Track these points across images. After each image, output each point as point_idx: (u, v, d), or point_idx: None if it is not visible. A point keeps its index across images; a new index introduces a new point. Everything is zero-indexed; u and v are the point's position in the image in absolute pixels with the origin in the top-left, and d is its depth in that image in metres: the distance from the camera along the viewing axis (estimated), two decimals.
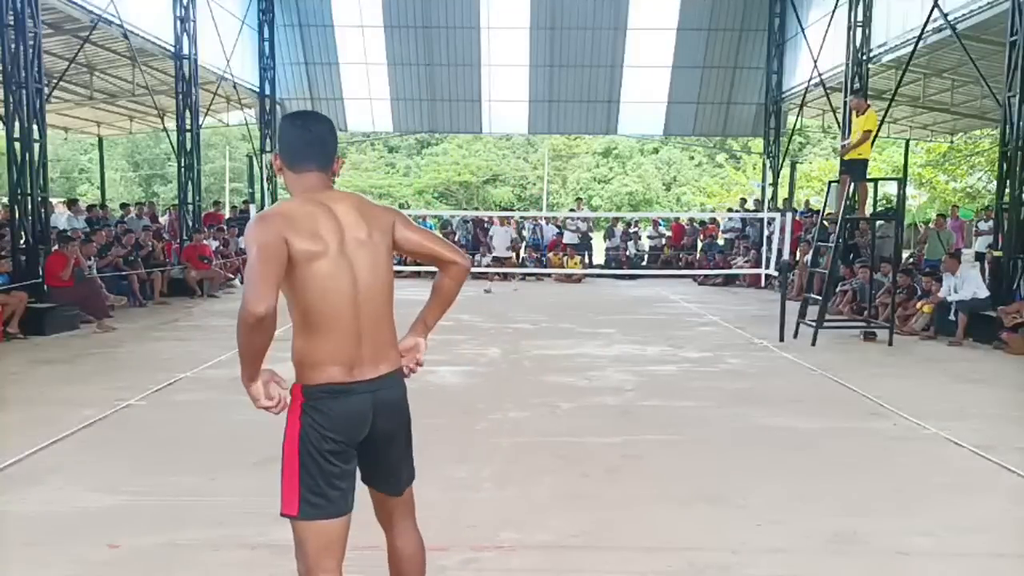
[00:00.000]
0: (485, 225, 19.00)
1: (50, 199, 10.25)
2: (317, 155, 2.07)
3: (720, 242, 17.88)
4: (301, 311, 2.00)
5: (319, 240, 1.96)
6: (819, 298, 8.83)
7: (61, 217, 13.05)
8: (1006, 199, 9.18)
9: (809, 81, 15.33)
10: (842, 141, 9.86)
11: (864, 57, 13.26)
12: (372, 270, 2.04)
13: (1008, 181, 9.13)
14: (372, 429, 2.08)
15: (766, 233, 12.84)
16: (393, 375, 2.12)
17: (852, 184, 8.89)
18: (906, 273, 10.16)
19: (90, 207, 14.89)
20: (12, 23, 8.83)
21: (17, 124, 9.07)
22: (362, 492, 2.21)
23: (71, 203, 14.54)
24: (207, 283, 12.68)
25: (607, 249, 18.68)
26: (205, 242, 13.45)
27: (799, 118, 17.85)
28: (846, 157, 8.90)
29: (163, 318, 10.04)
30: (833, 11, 13.75)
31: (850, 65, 13.47)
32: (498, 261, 14.65)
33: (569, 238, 17.91)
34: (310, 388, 2.02)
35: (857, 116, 8.93)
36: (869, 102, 9.17)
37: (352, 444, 2.05)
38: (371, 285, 2.04)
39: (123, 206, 16.58)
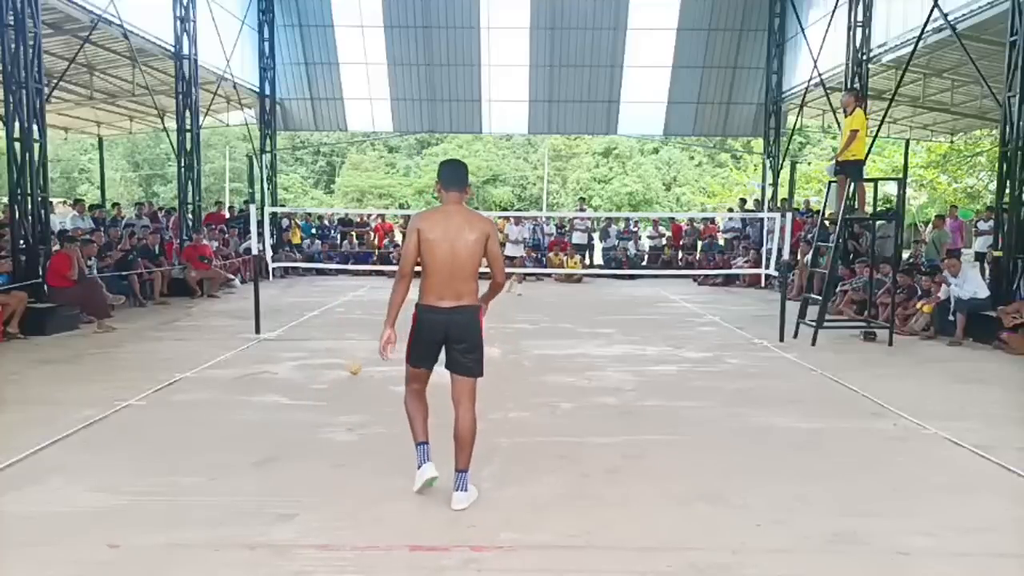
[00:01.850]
0: None
1: (51, 199, 10.25)
2: (458, 184, 3.76)
3: (720, 242, 17.89)
4: (422, 266, 3.66)
5: (435, 231, 3.62)
6: (819, 298, 8.83)
7: (66, 217, 13.11)
8: (1006, 199, 9.18)
9: (809, 81, 15.32)
10: (832, 158, 9.82)
11: (864, 57, 13.26)
12: (462, 251, 3.62)
13: (1008, 181, 9.13)
14: (448, 335, 3.68)
15: (765, 232, 12.84)
16: (465, 308, 3.68)
17: (852, 184, 8.89)
18: (906, 273, 10.16)
19: (96, 207, 14.91)
20: (12, 23, 8.82)
21: (17, 124, 9.06)
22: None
23: (76, 203, 14.64)
24: (207, 283, 12.68)
25: (604, 249, 18.70)
26: (205, 242, 13.46)
27: (799, 118, 17.84)
28: (840, 159, 8.89)
29: (163, 318, 10.04)
30: (833, 11, 13.74)
31: (850, 65, 13.48)
32: (510, 260, 14.55)
33: (578, 238, 17.92)
34: (419, 304, 3.71)
35: (845, 116, 8.91)
36: (863, 102, 9.10)
37: (432, 339, 3.71)
38: (462, 259, 3.63)
39: (115, 205, 16.58)
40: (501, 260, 3.80)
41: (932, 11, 10.55)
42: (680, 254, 18.19)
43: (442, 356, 3.78)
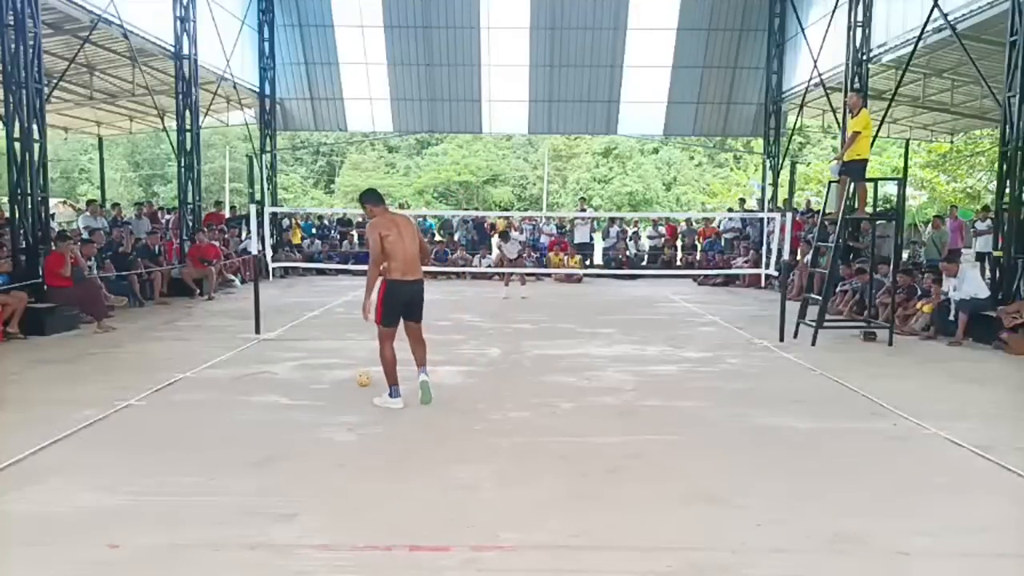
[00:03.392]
0: (485, 226, 19.00)
1: (51, 199, 10.26)
2: (382, 202, 5.53)
3: (720, 242, 17.89)
4: (386, 255, 5.29)
5: (391, 232, 5.28)
6: (819, 298, 8.83)
7: (76, 217, 13.16)
8: (1006, 199, 9.18)
9: (809, 81, 15.33)
10: (835, 159, 9.76)
11: (864, 57, 13.26)
12: (410, 241, 5.36)
13: (1008, 181, 9.13)
14: (411, 299, 5.44)
15: (766, 232, 12.84)
16: (420, 280, 5.49)
17: (852, 184, 8.89)
18: (906, 273, 10.16)
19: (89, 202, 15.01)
20: (12, 23, 8.82)
21: (17, 124, 9.06)
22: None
23: (89, 203, 14.75)
24: (205, 283, 12.65)
25: (604, 249, 18.72)
26: (207, 242, 13.44)
27: (799, 118, 17.84)
28: (845, 157, 8.88)
29: (163, 318, 10.04)
30: (833, 11, 13.75)
31: (850, 65, 13.47)
32: (511, 264, 14.59)
33: (581, 236, 17.92)
34: (388, 280, 5.34)
35: (852, 117, 8.90)
36: (866, 103, 9.09)
37: (401, 302, 5.39)
38: (411, 247, 5.37)
39: (115, 206, 16.62)
40: (426, 243, 5.84)
41: (932, 11, 10.56)
42: (680, 254, 18.18)
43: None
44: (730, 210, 22.44)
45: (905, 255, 14.23)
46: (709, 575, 3.04)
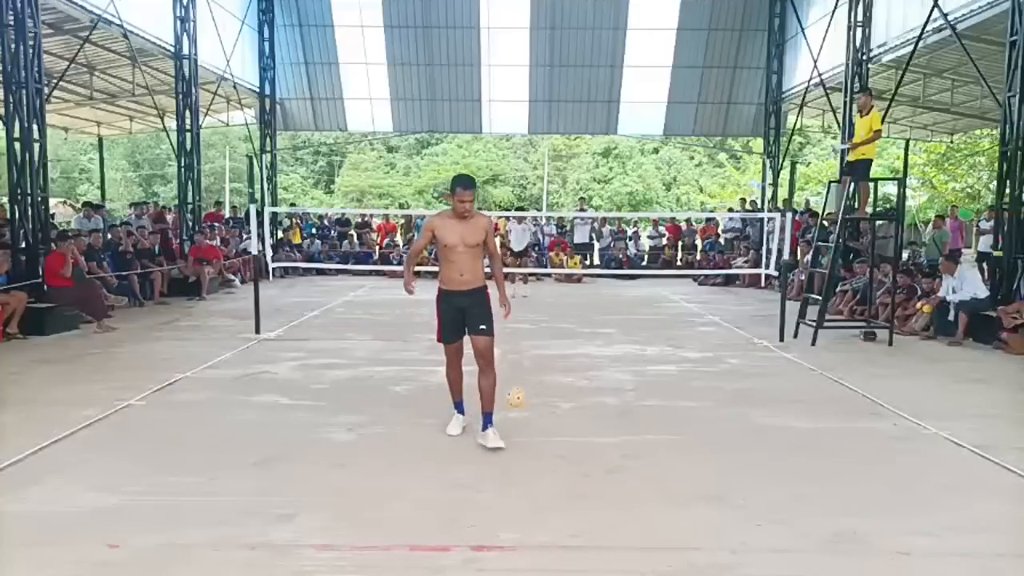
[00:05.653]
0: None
1: (51, 199, 10.26)
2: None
3: (720, 242, 17.89)
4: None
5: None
6: (819, 298, 8.83)
7: (74, 218, 13.18)
8: (1006, 199, 9.18)
9: (809, 81, 15.33)
10: (843, 144, 9.70)
11: (864, 57, 13.26)
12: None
13: (1008, 181, 9.13)
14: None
15: (765, 232, 12.83)
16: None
17: (852, 184, 8.87)
18: (906, 273, 10.16)
19: (98, 207, 14.98)
20: (12, 23, 8.82)
21: (17, 124, 9.06)
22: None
23: (84, 205, 14.77)
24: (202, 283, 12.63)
25: (600, 250, 18.72)
26: (208, 242, 13.43)
27: (799, 118, 17.84)
28: (850, 158, 8.84)
29: (163, 318, 10.04)
30: (833, 11, 13.75)
31: (850, 65, 13.48)
32: (516, 259, 14.66)
33: (580, 236, 17.92)
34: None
35: (862, 116, 8.78)
36: (873, 102, 9.03)
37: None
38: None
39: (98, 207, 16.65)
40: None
41: (932, 11, 10.56)
42: (680, 254, 18.18)
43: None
44: (730, 210, 22.44)
45: (905, 255, 14.23)
46: (709, 575, 3.04)
